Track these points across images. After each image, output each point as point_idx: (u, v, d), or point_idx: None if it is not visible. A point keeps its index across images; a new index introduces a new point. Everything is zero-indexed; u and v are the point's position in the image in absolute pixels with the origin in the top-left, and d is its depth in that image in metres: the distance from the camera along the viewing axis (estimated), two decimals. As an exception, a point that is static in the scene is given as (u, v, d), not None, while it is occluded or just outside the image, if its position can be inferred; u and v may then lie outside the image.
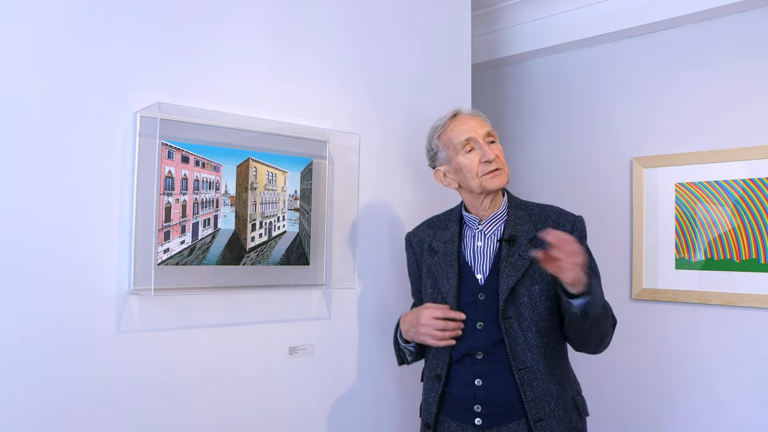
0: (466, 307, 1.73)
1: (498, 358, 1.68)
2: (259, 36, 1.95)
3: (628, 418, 2.72)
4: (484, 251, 1.76)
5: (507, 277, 1.68)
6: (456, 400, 1.73)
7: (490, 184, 1.72)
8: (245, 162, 1.87)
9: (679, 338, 2.58)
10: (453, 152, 1.75)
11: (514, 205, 1.80)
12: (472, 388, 1.70)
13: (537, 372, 1.65)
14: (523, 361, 1.66)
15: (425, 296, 1.84)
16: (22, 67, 1.55)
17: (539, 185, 3.09)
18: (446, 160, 1.77)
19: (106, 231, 1.66)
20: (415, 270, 1.93)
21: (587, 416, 1.76)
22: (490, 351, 1.69)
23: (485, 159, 1.71)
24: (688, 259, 2.56)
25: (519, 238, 1.72)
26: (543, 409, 1.64)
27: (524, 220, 1.75)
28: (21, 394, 1.53)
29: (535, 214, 1.77)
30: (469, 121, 1.76)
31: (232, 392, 1.87)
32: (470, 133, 1.73)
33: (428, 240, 1.86)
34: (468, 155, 1.73)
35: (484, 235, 1.77)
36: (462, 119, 1.77)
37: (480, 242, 1.77)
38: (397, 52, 2.29)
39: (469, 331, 1.71)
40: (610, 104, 2.86)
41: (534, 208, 1.80)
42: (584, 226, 1.77)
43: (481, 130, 1.74)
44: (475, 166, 1.71)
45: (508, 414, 1.66)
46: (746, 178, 2.43)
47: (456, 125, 1.76)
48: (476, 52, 3.05)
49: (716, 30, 2.55)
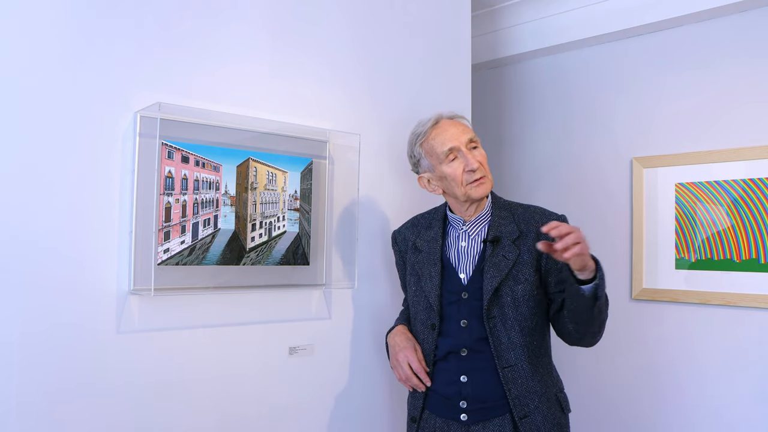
0: (449, 305, 1.76)
1: (483, 356, 1.71)
2: (259, 36, 1.95)
3: (627, 417, 2.72)
4: (468, 251, 1.78)
5: (491, 277, 1.70)
6: (441, 397, 1.76)
7: (474, 192, 1.74)
8: (245, 162, 1.87)
9: (678, 338, 2.58)
10: (436, 161, 1.76)
11: (498, 206, 1.82)
12: (457, 385, 1.73)
13: (521, 370, 1.69)
14: (507, 360, 1.69)
15: (408, 294, 1.89)
16: (23, 67, 1.55)
17: (539, 185, 3.08)
18: (429, 168, 1.79)
19: (106, 231, 1.66)
20: (402, 267, 1.97)
21: (569, 412, 1.80)
22: (475, 348, 1.72)
23: (469, 168, 1.72)
24: (688, 259, 2.56)
25: (503, 238, 1.74)
26: (527, 405, 1.68)
27: (508, 220, 1.77)
28: (19, 390, 1.53)
29: (518, 215, 1.79)
30: (450, 128, 1.76)
31: (231, 392, 1.87)
32: (453, 142, 1.73)
33: (412, 239, 1.89)
34: (452, 164, 1.74)
35: (468, 235, 1.80)
36: (444, 126, 1.77)
37: (464, 242, 1.80)
38: (397, 52, 2.29)
39: (454, 329, 1.74)
40: (610, 104, 2.86)
41: (517, 209, 1.82)
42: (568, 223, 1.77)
43: (463, 137, 1.74)
44: (459, 175, 1.73)
45: (493, 409, 1.70)
46: (746, 178, 2.43)
47: (438, 133, 1.76)
48: (476, 52, 3.05)
49: (716, 30, 2.55)
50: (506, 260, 1.71)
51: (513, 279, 1.71)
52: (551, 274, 1.74)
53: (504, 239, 1.74)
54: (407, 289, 1.91)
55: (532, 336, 1.72)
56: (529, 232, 1.75)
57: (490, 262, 1.72)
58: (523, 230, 1.75)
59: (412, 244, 1.88)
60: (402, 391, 2.22)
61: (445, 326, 1.76)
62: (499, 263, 1.71)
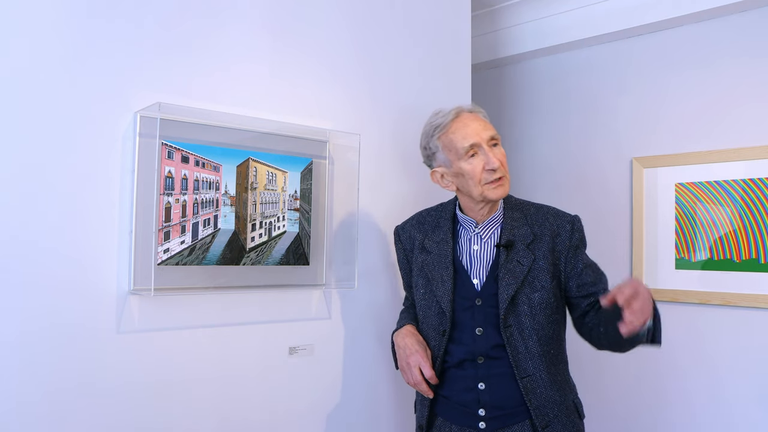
0: (462, 311, 1.70)
1: (500, 362, 1.66)
2: (259, 36, 1.95)
3: (628, 417, 2.71)
4: (481, 255, 1.72)
5: (507, 285, 1.64)
6: (456, 404, 1.71)
7: (492, 194, 1.66)
8: (245, 162, 1.87)
9: (678, 338, 2.58)
10: (454, 156, 1.67)
11: (510, 206, 1.76)
12: (474, 392, 1.68)
13: (540, 380, 1.64)
14: (526, 369, 1.64)
15: (416, 296, 1.81)
16: (23, 67, 1.55)
17: (539, 185, 3.08)
18: (446, 162, 1.70)
19: (106, 231, 1.66)
20: (405, 265, 1.88)
21: (584, 418, 1.77)
22: (491, 355, 1.67)
23: (489, 167, 1.64)
24: (688, 259, 2.56)
25: (516, 243, 1.68)
26: (547, 415, 1.64)
27: (521, 222, 1.71)
28: (19, 390, 1.53)
29: (531, 215, 1.74)
30: (472, 123, 1.68)
31: (231, 392, 1.87)
32: (475, 138, 1.65)
33: (419, 238, 1.81)
34: (471, 161, 1.65)
35: (481, 238, 1.73)
36: (465, 120, 1.68)
37: (476, 246, 1.73)
38: (397, 52, 2.29)
39: (468, 337, 1.68)
40: (610, 104, 2.86)
41: (530, 209, 1.76)
42: (582, 225, 1.76)
43: (485, 134, 1.66)
44: (478, 173, 1.64)
45: (512, 416, 1.65)
46: (746, 178, 2.43)
47: (459, 127, 1.67)
48: (476, 52, 3.04)
49: (716, 30, 2.55)
50: (521, 266, 1.65)
51: (529, 286, 1.65)
52: (572, 278, 1.70)
53: (518, 243, 1.67)
54: (414, 290, 1.82)
55: (549, 344, 1.67)
56: (544, 235, 1.69)
57: (505, 269, 1.65)
58: (537, 233, 1.69)
59: (419, 243, 1.80)
60: (402, 390, 2.22)
61: (457, 333, 1.69)
62: (513, 269, 1.65)
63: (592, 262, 1.76)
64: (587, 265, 1.73)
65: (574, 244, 1.71)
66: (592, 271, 1.72)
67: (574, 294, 1.71)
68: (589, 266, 1.73)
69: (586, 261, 1.74)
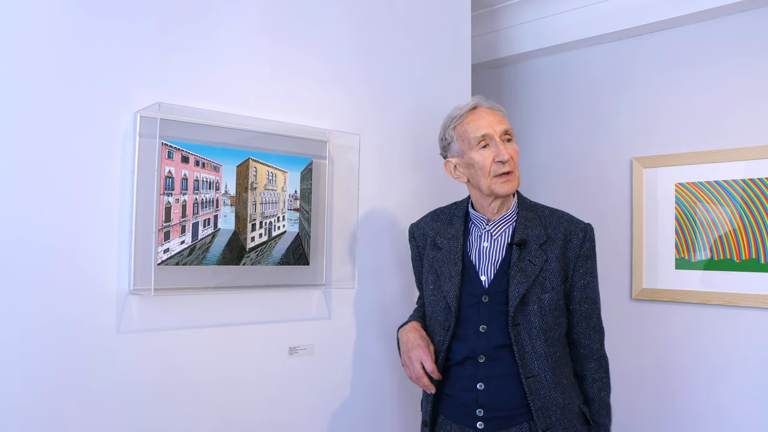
0: (467, 308, 1.70)
1: (501, 363, 1.66)
2: (259, 36, 1.95)
3: (628, 418, 2.71)
4: (491, 253, 1.72)
5: (518, 283, 1.64)
6: (457, 403, 1.72)
7: (499, 189, 1.68)
8: (245, 162, 1.87)
9: (679, 338, 2.58)
10: (467, 146, 1.70)
11: (525, 207, 1.76)
12: (473, 392, 1.68)
13: (544, 381, 1.64)
14: (531, 369, 1.64)
15: (426, 292, 1.82)
16: (23, 67, 1.55)
17: (539, 185, 3.08)
18: (459, 152, 1.73)
19: (106, 231, 1.66)
20: (418, 263, 1.91)
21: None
22: (493, 355, 1.67)
23: (499, 159, 1.66)
24: (688, 259, 2.56)
25: (530, 242, 1.68)
26: (549, 417, 1.63)
27: (535, 223, 1.72)
28: (19, 390, 1.53)
29: (545, 217, 1.74)
30: (487, 116, 1.71)
31: (231, 392, 1.87)
32: (487, 129, 1.68)
33: (431, 234, 1.83)
34: (482, 152, 1.68)
35: (491, 236, 1.74)
36: (481, 113, 1.72)
37: (486, 243, 1.73)
38: (397, 52, 2.29)
39: (472, 334, 1.69)
40: (610, 104, 2.86)
41: (544, 211, 1.77)
42: (594, 235, 1.76)
43: (498, 127, 1.69)
44: (488, 164, 1.67)
45: (510, 418, 1.65)
46: (746, 178, 2.43)
47: (474, 118, 1.70)
48: (476, 52, 3.05)
49: (716, 30, 2.55)
50: (533, 266, 1.65)
51: (540, 286, 1.65)
52: (576, 289, 1.72)
53: (531, 243, 1.68)
54: (424, 286, 1.83)
55: (555, 346, 1.67)
56: (557, 238, 1.70)
57: (517, 267, 1.66)
58: (551, 235, 1.70)
59: (431, 240, 1.82)
60: (404, 391, 2.22)
61: (461, 330, 1.70)
62: (525, 268, 1.65)
63: (595, 286, 1.75)
64: (590, 287, 1.74)
65: (584, 253, 1.72)
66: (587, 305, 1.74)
67: (573, 305, 1.73)
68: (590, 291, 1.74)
69: (590, 282, 1.74)
